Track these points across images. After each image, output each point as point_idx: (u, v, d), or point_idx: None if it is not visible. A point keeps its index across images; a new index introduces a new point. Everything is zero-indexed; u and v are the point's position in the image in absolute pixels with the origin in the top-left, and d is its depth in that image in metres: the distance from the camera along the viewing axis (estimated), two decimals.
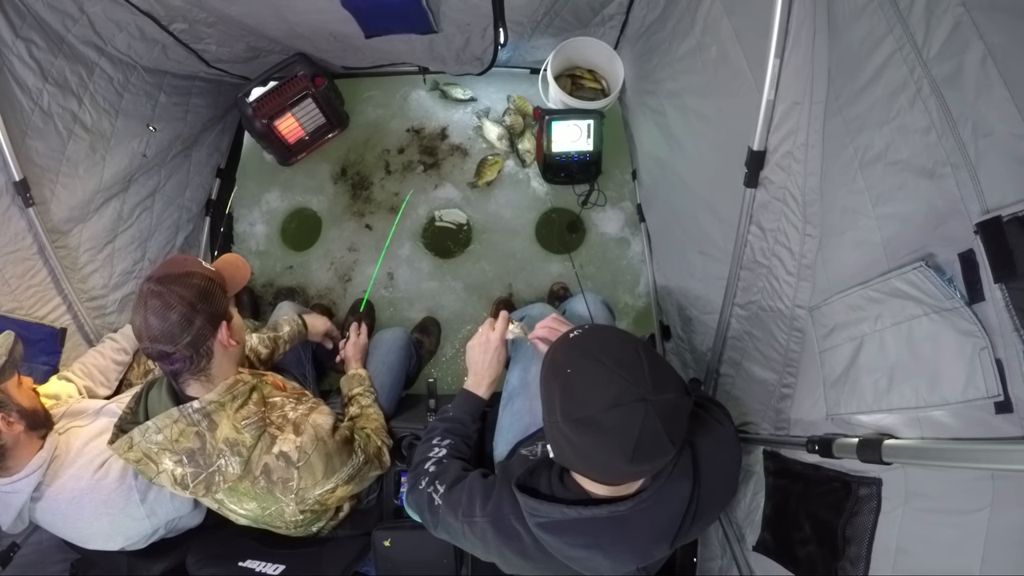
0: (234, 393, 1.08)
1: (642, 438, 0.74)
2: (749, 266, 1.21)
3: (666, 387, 0.77)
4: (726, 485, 1.06)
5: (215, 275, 1.07)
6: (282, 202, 2.28)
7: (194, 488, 1.06)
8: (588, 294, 1.52)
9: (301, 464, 1.10)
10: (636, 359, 0.78)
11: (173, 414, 1.03)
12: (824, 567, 0.93)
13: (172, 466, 1.05)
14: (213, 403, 1.05)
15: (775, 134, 1.04)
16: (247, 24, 1.72)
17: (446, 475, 1.10)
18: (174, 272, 1.02)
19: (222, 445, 1.06)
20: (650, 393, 0.75)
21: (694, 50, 1.36)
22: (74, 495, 1.16)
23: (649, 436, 0.75)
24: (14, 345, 1.13)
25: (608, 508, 0.86)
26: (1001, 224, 0.61)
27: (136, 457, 1.05)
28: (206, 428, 1.05)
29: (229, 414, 1.07)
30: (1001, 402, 0.64)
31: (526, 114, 2.25)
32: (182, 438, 1.04)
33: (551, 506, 0.88)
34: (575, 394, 0.79)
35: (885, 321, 0.81)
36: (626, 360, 0.78)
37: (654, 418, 0.74)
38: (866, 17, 0.80)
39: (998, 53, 0.61)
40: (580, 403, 0.77)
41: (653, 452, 0.76)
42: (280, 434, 1.12)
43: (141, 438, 1.03)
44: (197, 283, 1.02)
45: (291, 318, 1.56)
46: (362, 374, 1.51)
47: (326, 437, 1.15)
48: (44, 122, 1.43)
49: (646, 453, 0.75)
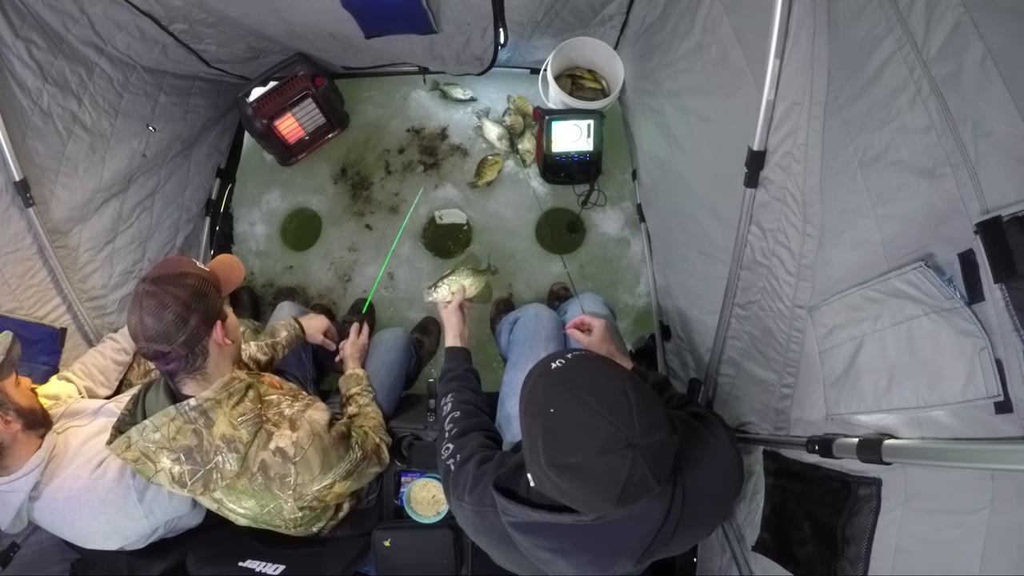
0: (230, 390, 1.08)
1: (629, 483, 0.72)
2: (749, 266, 1.21)
3: (654, 429, 0.74)
4: (715, 506, 1.00)
5: (209, 275, 1.08)
6: (282, 202, 2.28)
7: (192, 486, 1.07)
8: (588, 295, 1.52)
9: (298, 460, 1.10)
10: (624, 401, 0.75)
11: (170, 412, 1.03)
12: (823, 567, 0.93)
13: (170, 464, 1.05)
14: (209, 400, 1.05)
15: (775, 134, 1.04)
16: (247, 24, 1.72)
17: (464, 449, 1.10)
18: (168, 273, 1.03)
19: (219, 442, 1.06)
20: (638, 438, 0.72)
21: (694, 50, 1.36)
22: (72, 494, 1.16)
23: (636, 480, 0.73)
24: (12, 345, 1.13)
25: (572, 516, 0.84)
26: (1001, 224, 0.61)
27: (134, 456, 1.05)
28: (203, 425, 1.05)
29: (225, 411, 1.07)
30: (1001, 402, 0.64)
31: (526, 114, 2.25)
32: (179, 436, 1.04)
33: (519, 508, 0.88)
34: (559, 440, 0.76)
35: (885, 321, 0.81)
36: (613, 402, 0.75)
37: (642, 463, 0.72)
38: (866, 17, 0.80)
39: (998, 53, 0.61)
40: (565, 450, 0.75)
41: (639, 493, 0.74)
42: (276, 430, 1.12)
43: (139, 437, 1.03)
44: (191, 283, 1.03)
45: (287, 323, 1.55)
46: (360, 374, 1.51)
47: (322, 432, 1.15)
48: (44, 122, 1.43)
49: (632, 495, 0.74)
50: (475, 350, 1.39)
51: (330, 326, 1.64)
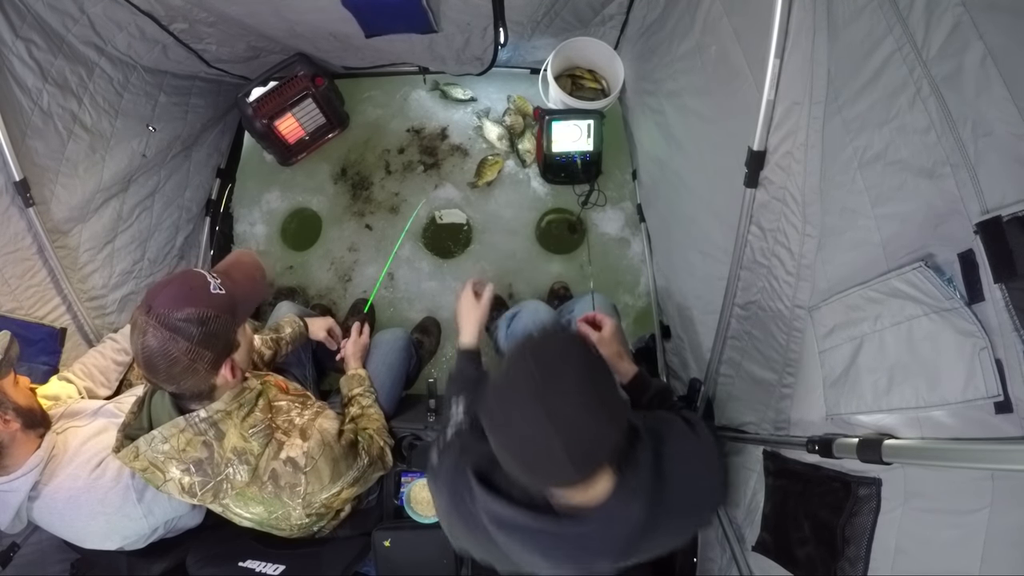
0: (240, 401, 1.07)
1: (559, 428, 0.72)
2: (749, 266, 1.21)
3: (557, 371, 0.75)
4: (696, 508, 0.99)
5: (223, 304, 0.97)
6: (282, 202, 2.28)
7: (202, 496, 1.06)
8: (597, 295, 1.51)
9: (308, 469, 1.10)
10: (523, 361, 0.77)
11: (179, 423, 1.01)
12: (823, 567, 0.93)
13: (180, 475, 1.04)
14: (220, 412, 1.04)
15: (775, 134, 1.04)
16: (247, 24, 1.72)
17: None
18: (175, 314, 0.92)
19: (230, 454, 1.05)
20: (541, 386, 0.74)
21: (694, 50, 1.36)
22: (71, 494, 1.16)
23: (564, 423, 0.73)
24: (10, 344, 1.13)
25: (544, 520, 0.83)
26: (1001, 224, 0.61)
27: (143, 466, 1.04)
28: (213, 437, 1.04)
29: (236, 423, 1.06)
30: (1001, 402, 0.64)
31: (526, 114, 2.25)
32: (189, 448, 1.02)
33: (496, 501, 0.86)
34: (493, 414, 0.80)
35: (885, 321, 0.81)
36: (514, 364, 0.78)
37: (560, 405, 0.73)
38: (866, 17, 0.80)
39: (998, 53, 0.61)
40: (494, 418, 0.79)
41: (578, 431, 0.74)
42: (287, 439, 1.12)
43: (147, 447, 1.02)
44: (199, 326, 0.94)
45: (292, 319, 1.55)
46: (362, 374, 1.51)
47: (332, 442, 1.15)
48: (44, 122, 1.43)
49: (574, 438, 0.73)
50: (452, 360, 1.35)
51: (335, 325, 1.64)
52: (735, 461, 1.30)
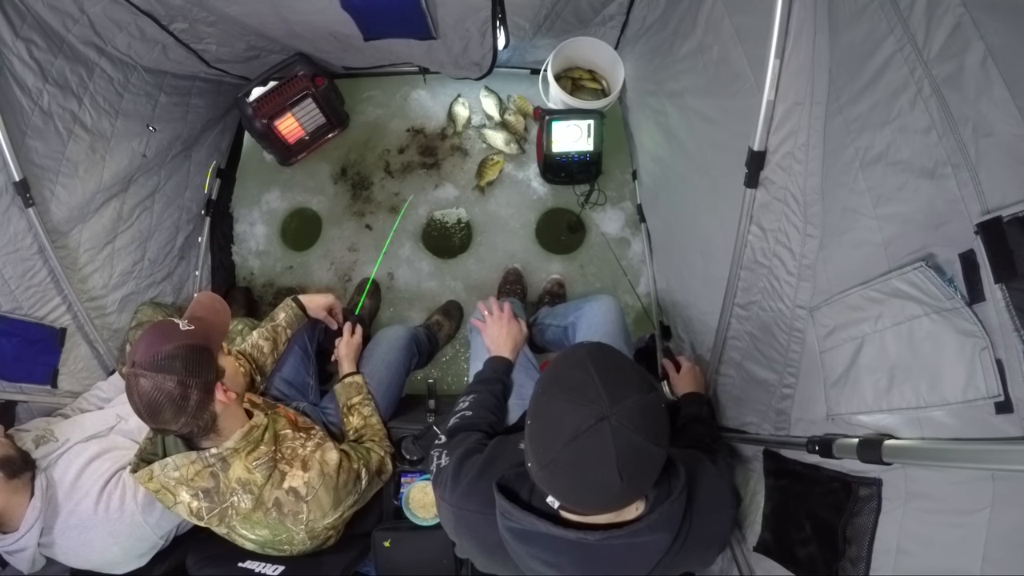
0: (249, 439, 1.12)
1: (621, 455, 0.69)
2: (749, 266, 1.21)
3: (625, 393, 0.71)
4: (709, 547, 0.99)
5: (197, 335, 1.04)
6: (282, 202, 2.28)
7: (208, 520, 1.13)
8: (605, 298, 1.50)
9: (310, 498, 1.16)
10: (585, 377, 0.72)
11: (191, 455, 1.08)
12: (824, 567, 0.93)
13: (189, 499, 1.10)
14: (230, 450, 1.09)
15: (776, 134, 1.04)
16: (247, 24, 1.72)
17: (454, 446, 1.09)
18: (157, 353, 0.99)
19: (235, 484, 1.11)
20: (608, 408, 0.70)
21: (696, 50, 1.36)
22: (80, 532, 1.19)
23: (628, 449, 0.69)
24: None
25: (577, 533, 0.80)
26: (1001, 224, 0.61)
27: (156, 488, 1.10)
28: (220, 469, 1.10)
29: (242, 456, 1.12)
30: (1001, 402, 0.64)
31: (526, 114, 2.25)
32: (197, 477, 1.09)
33: (524, 514, 0.83)
34: (536, 440, 0.75)
35: (885, 321, 0.81)
36: (575, 382, 0.73)
37: (625, 431, 0.69)
38: (866, 17, 0.80)
39: (998, 53, 0.61)
40: (543, 448, 0.73)
41: (642, 464, 0.71)
42: (289, 470, 1.17)
43: (160, 472, 1.08)
44: (181, 357, 1.00)
45: (286, 303, 1.55)
46: (359, 382, 1.50)
47: (333, 473, 1.19)
48: (44, 122, 1.42)
49: (634, 468, 0.71)
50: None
51: (335, 302, 1.62)
52: (735, 461, 1.31)
